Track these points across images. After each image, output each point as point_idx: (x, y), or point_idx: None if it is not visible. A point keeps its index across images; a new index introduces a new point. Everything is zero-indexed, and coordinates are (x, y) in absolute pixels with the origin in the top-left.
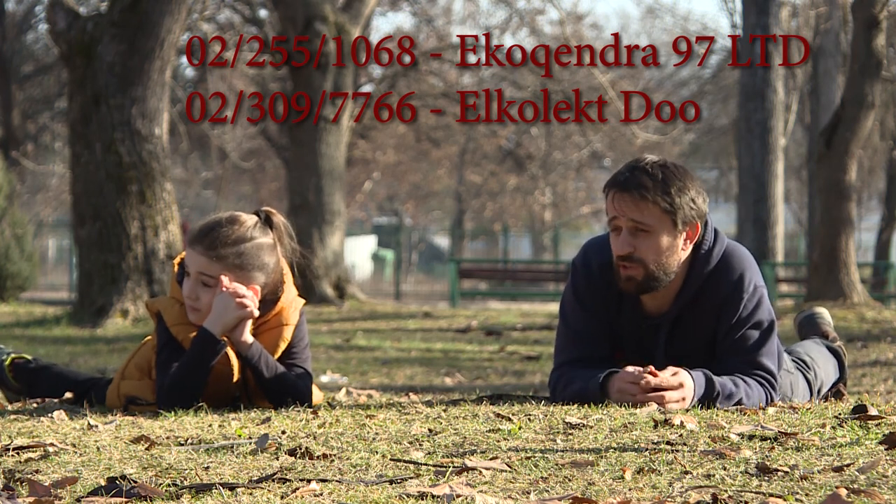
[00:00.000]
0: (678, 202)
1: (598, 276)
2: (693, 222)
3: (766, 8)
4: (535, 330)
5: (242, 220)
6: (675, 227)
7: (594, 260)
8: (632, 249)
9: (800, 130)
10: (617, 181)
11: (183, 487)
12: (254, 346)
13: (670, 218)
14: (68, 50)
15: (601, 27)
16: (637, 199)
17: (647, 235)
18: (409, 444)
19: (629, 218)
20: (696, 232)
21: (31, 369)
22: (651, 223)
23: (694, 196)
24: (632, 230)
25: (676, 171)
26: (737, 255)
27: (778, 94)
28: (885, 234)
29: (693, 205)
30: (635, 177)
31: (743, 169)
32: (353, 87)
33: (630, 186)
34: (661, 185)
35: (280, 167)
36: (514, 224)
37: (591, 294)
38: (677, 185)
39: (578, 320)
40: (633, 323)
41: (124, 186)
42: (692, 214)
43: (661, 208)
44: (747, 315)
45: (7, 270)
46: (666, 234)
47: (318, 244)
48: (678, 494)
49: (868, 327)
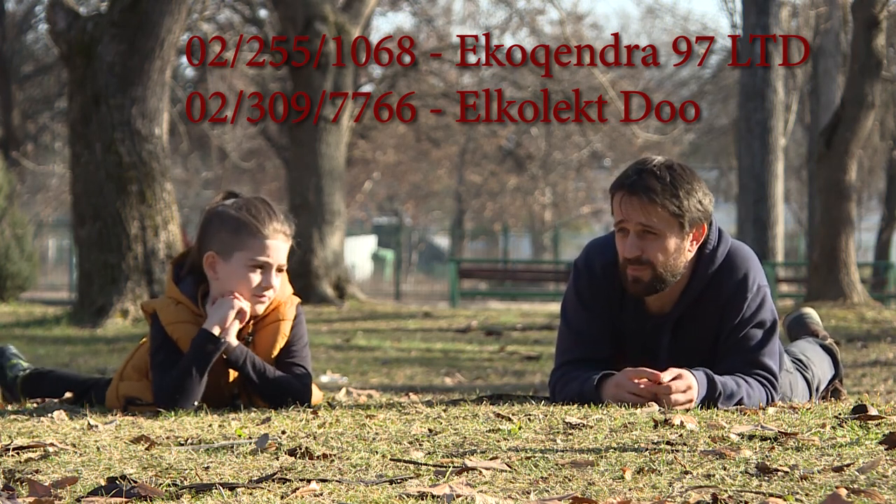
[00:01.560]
0: (686, 205)
1: (600, 276)
2: (700, 224)
3: (766, 8)
4: (535, 330)
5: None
6: (683, 229)
7: (597, 261)
8: (640, 252)
9: (800, 130)
10: (624, 184)
11: (183, 487)
12: (238, 348)
13: (678, 221)
14: (68, 50)
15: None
16: (646, 203)
17: (655, 238)
18: (409, 444)
19: (637, 222)
20: (702, 233)
21: (32, 378)
22: (659, 227)
23: (701, 198)
24: (640, 233)
25: (684, 172)
26: (741, 254)
27: (778, 94)
28: (885, 234)
29: (700, 206)
30: (643, 179)
31: (743, 169)
32: (353, 87)
33: (638, 189)
34: (670, 188)
35: (280, 167)
36: (514, 224)
37: (594, 295)
38: (685, 187)
39: (580, 321)
40: (636, 323)
41: (124, 186)
42: (699, 216)
43: (669, 212)
44: (750, 315)
45: (7, 270)
46: (674, 237)
47: (318, 244)
48: (678, 494)
49: (868, 327)
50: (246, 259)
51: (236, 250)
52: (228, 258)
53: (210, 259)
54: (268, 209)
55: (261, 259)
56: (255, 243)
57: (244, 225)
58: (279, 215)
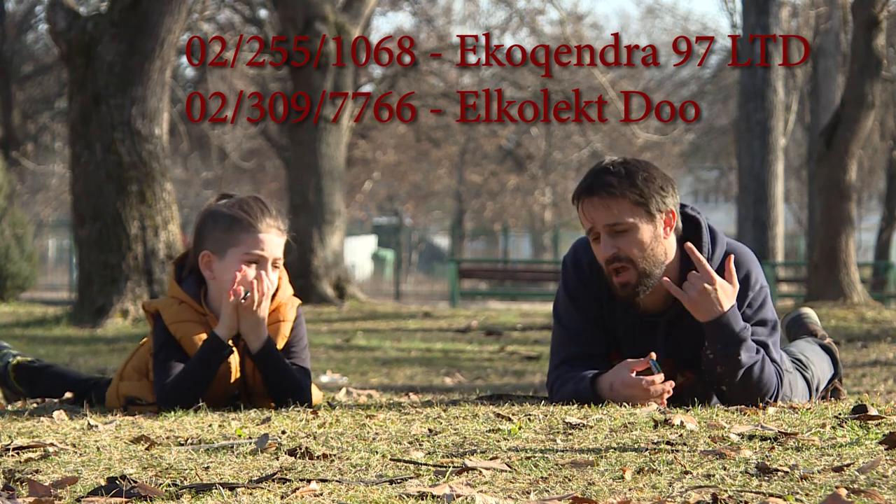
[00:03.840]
0: (647, 191)
1: (588, 273)
2: (667, 208)
3: (766, 8)
4: (535, 330)
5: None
6: (651, 216)
7: (584, 258)
8: (615, 250)
9: (800, 130)
10: (582, 188)
11: (183, 487)
12: (267, 341)
13: (643, 208)
14: (68, 50)
15: (601, 27)
16: (606, 199)
17: (627, 233)
18: (409, 444)
19: (604, 223)
20: (672, 218)
21: (34, 369)
22: (626, 219)
23: (662, 183)
24: (610, 233)
25: (638, 163)
26: (740, 253)
27: (778, 94)
28: (885, 234)
29: (662, 191)
30: (599, 178)
31: (743, 169)
32: (353, 87)
33: (596, 189)
34: (626, 178)
35: (280, 167)
36: (514, 224)
37: (584, 291)
38: (641, 175)
39: (572, 318)
40: (627, 321)
41: (124, 186)
42: (663, 200)
43: (631, 201)
44: (752, 313)
45: (7, 270)
46: (644, 226)
47: (318, 244)
48: (678, 494)
49: (868, 327)
50: (240, 254)
51: (230, 247)
52: (223, 256)
53: (205, 259)
54: (260, 205)
55: (255, 253)
56: (247, 238)
57: (236, 221)
58: (271, 210)
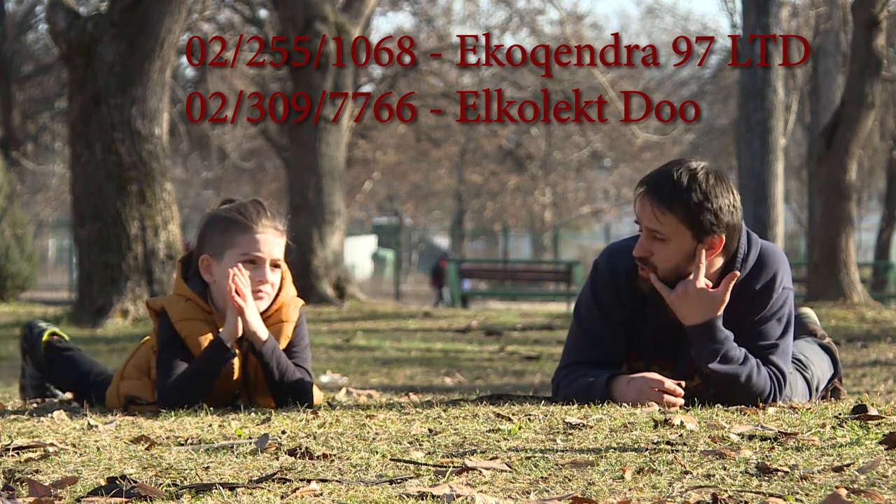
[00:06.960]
0: (699, 214)
1: (624, 280)
2: (717, 233)
3: (766, 8)
4: (535, 330)
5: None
6: (694, 237)
7: (621, 265)
8: (648, 254)
9: (800, 130)
10: (643, 181)
11: (183, 487)
12: (269, 341)
13: (688, 227)
14: (68, 50)
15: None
16: (654, 207)
17: (663, 244)
18: (409, 444)
19: (646, 225)
20: (720, 242)
21: (55, 348)
22: (666, 232)
23: (720, 207)
24: (649, 236)
25: (707, 179)
26: (770, 254)
27: (778, 94)
28: (885, 234)
29: (716, 218)
30: (658, 182)
31: (743, 169)
32: (353, 87)
33: (651, 192)
34: (684, 192)
35: (280, 167)
36: (514, 224)
37: (615, 298)
38: (700, 192)
39: (594, 322)
40: (657, 325)
41: (124, 186)
42: (714, 226)
43: (678, 218)
44: (772, 313)
45: (7, 270)
46: (683, 244)
47: (318, 244)
48: (678, 494)
49: (868, 327)
50: (237, 255)
51: (227, 249)
52: (221, 258)
53: (205, 262)
54: (257, 207)
55: (252, 253)
56: (244, 239)
57: (233, 223)
58: (268, 212)
